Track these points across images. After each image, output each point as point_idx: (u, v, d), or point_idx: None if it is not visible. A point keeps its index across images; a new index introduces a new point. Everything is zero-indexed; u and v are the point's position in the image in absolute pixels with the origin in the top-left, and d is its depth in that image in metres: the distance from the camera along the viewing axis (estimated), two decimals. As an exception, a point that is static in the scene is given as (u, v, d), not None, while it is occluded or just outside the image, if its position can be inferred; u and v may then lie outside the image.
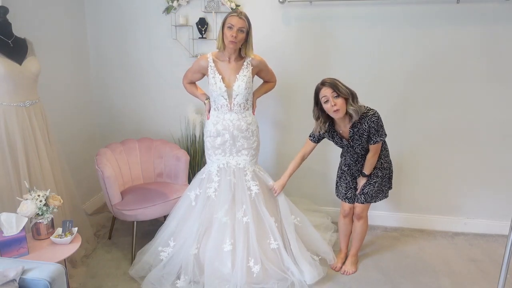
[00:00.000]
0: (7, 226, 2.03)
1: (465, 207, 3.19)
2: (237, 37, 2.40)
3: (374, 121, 2.33)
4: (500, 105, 2.95)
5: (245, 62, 2.56)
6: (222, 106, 2.56)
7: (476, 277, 2.63)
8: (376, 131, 2.35)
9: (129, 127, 3.51)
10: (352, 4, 2.94)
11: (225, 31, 2.41)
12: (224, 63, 2.55)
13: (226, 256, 2.44)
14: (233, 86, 2.52)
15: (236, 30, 2.39)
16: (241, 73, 2.52)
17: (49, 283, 1.67)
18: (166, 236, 2.61)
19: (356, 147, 2.44)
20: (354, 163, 2.55)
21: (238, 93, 2.52)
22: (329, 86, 2.29)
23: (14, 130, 2.28)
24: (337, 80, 2.32)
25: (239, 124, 2.57)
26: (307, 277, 2.48)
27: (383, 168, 2.51)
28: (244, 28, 2.42)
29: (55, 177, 2.52)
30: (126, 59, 3.38)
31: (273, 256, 2.50)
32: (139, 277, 2.53)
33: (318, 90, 2.35)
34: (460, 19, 2.84)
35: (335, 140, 2.51)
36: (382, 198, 2.58)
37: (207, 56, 2.57)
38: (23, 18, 2.62)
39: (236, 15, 2.41)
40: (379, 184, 2.52)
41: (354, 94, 2.33)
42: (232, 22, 2.39)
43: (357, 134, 2.37)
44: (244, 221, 2.50)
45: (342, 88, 2.28)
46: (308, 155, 2.65)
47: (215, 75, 2.52)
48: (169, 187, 2.98)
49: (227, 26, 2.40)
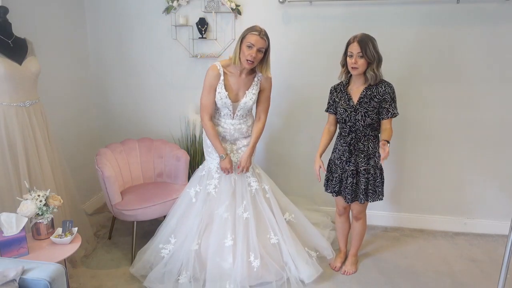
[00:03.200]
0: (7, 226, 2.03)
1: (465, 207, 3.18)
2: (256, 57, 2.31)
3: (391, 88, 2.33)
4: (500, 105, 2.94)
5: (256, 78, 2.50)
6: (225, 114, 2.54)
7: (476, 277, 2.63)
8: (392, 100, 2.33)
9: (129, 127, 3.51)
10: (352, 4, 2.94)
11: (243, 48, 2.31)
12: (234, 76, 2.46)
13: (227, 251, 2.45)
14: (239, 101, 2.49)
15: (255, 50, 2.29)
16: (251, 91, 2.48)
17: (49, 283, 1.67)
18: (167, 233, 2.61)
19: (358, 117, 2.36)
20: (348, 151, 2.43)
21: (243, 107, 2.51)
22: (358, 44, 2.26)
23: (14, 130, 2.28)
24: (370, 41, 2.27)
25: (240, 127, 2.57)
26: (304, 276, 2.49)
27: (378, 168, 2.47)
28: (264, 48, 2.33)
29: (55, 177, 2.52)
30: (126, 59, 3.38)
31: (273, 251, 2.53)
32: (140, 276, 2.53)
33: (349, 43, 2.33)
34: (460, 19, 2.84)
35: (342, 103, 2.42)
36: (376, 198, 2.50)
37: (217, 67, 2.44)
38: (23, 18, 2.62)
39: (257, 34, 2.29)
40: (379, 182, 2.49)
41: (380, 60, 2.30)
42: (252, 41, 2.28)
43: (368, 96, 2.33)
44: (245, 216, 2.51)
45: (370, 51, 2.25)
46: (335, 127, 2.58)
47: (222, 90, 2.44)
48: (169, 187, 2.98)
49: (246, 44, 2.29)
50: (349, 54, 2.31)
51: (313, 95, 3.13)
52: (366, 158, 2.43)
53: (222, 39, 3.18)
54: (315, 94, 3.12)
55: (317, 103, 3.12)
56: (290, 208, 2.77)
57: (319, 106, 3.09)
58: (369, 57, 2.26)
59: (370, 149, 2.42)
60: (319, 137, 2.59)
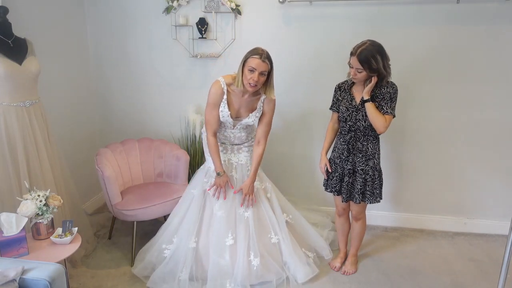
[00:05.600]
0: (7, 226, 2.03)
1: (465, 207, 3.19)
2: (258, 81, 2.28)
3: (393, 88, 2.31)
4: (500, 105, 2.95)
5: (259, 101, 2.48)
6: (225, 126, 2.56)
7: (476, 277, 2.63)
8: (390, 99, 2.31)
9: (129, 127, 3.51)
10: (352, 4, 2.94)
11: (245, 72, 2.29)
12: (237, 96, 2.44)
13: (225, 249, 2.46)
14: (241, 119, 2.50)
15: (257, 74, 2.26)
16: (254, 114, 2.48)
17: (49, 283, 1.67)
18: (169, 234, 2.62)
19: (359, 117, 2.36)
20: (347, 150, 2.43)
21: (243, 124, 2.53)
22: (357, 60, 2.21)
23: (14, 130, 2.28)
24: (372, 57, 2.19)
25: (240, 135, 2.60)
26: (299, 276, 2.50)
27: (376, 170, 2.46)
28: (266, 71, 2.29)
29: (55, 177, 2.52)
30: (126, 59, 3.38)
31: (273, 250, 2.54)
32: (143, 277, 2.53)
33: (351, 53, 2.26)
34: (460, 19, 2.84)
35: (344, 102, 2.42)
36: (374, 200, 2.49)
37: (221, 85, 2.41)
38: (23, 18, 2.62)
39: (259, 57, 2.25)
40: (377, 184, 2.48)
41: (384, 76, 2.24)
42: (254, 64, 2.25)
43: (370, 97, 2.32)
44: (246, 216, 2.52)
45: (372, 67, 2.20)
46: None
47: (224, 109, 2.43)
48: (169, 187, 2.98)
49: (248, 68, 2.27)
50: (350, 65, 2.30)
51: (313, 95, 3.14)
52: (365, 158, 2.42)
53: (222, 39, 3.18)
54: (315, 94, 3.12)
55: (317, 103, 3.12)
56: (287, 208, 2.77)
57: (319, 106, 3.10)
58: (370, 72, 2.24)
59: (370, 149, 2.42)
60: (319, 137, 2.60)
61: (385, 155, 3.03)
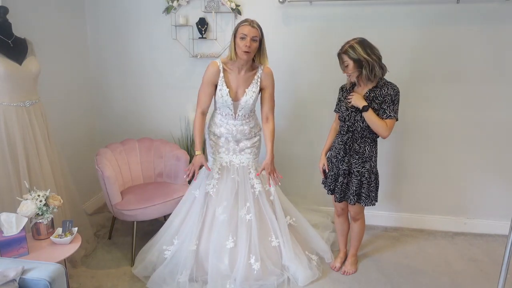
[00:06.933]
0: (7, 226, 2.03)
1: (465, 207, 3.19)
2: (250, 46, 2.33)
3: (394, 90, 2.31)
4: (500, 105, 2.95)
5: (256, 76, 2.51)
6: (227, 114, 2.55)
7: (476, 277, 2.63)
8: (392, 102, 2.31)
9: (129, 127, 3.51)
10: (352, 4, 2.94)
11: (238, 41, 2.34)
12: (234, 73, 2.48)
13: (225, 252, 2.45)
14: (240, 100, 2.49)
15: (249, 40, 2.32)
16: (251, 89, 2.49)
17: (49, 283, 1.67)
18: (170, 235, 2.61)
19: (357, 117, 2.35)
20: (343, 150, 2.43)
21: (244, 107, 2.51)
22: (339, 57, 2.34)
23: (14, 130, 2.28)
24: (351, 48, 2.26)
25: (243, 128, 2.57)
26: (300, 279, 2.50)
27: (373, 173, 2.45)
28: (257, 37, 2.35)
29: (55, 177, 2.52)
30: (126, 59, 3.38)
31: (273, 254, 2.53)
32: (143, 277, 2.53)
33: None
34: (460, 19, 2.84)
35: (345, 102, 2.43)
36: (369, 203, 2.47)
37: (217, 63, 2.47)
38: (23, 18, 2.62)
39: (248, 24, 2.33)
40: (373, 187, 2.46)
41: (371, 65, 2.25)
42: (245, 31, 2.32)
43: (371, 98, 2.32)
44: (247, 218, 2.51)
45: (352, 57, 2.26)
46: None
47: (223, 87, 2.46)
48: (169, 187, 2.98)
49: (240, 36, 2.33)
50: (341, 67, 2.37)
51: (314, 95, 3.14)
52: (361, 160, 2.42)
53: (222, 39, 3.18)
54: (316, 94, 3.12)
55: (318, 103, 3.12)
56: (291, 211, 2.76)
57: (320, 106, 3.10)
58: (355, 63, 2.27)
59: (367, 152, 2.42)
60: (319, 137, 2.59)
61: (385, 155, 3.03)
